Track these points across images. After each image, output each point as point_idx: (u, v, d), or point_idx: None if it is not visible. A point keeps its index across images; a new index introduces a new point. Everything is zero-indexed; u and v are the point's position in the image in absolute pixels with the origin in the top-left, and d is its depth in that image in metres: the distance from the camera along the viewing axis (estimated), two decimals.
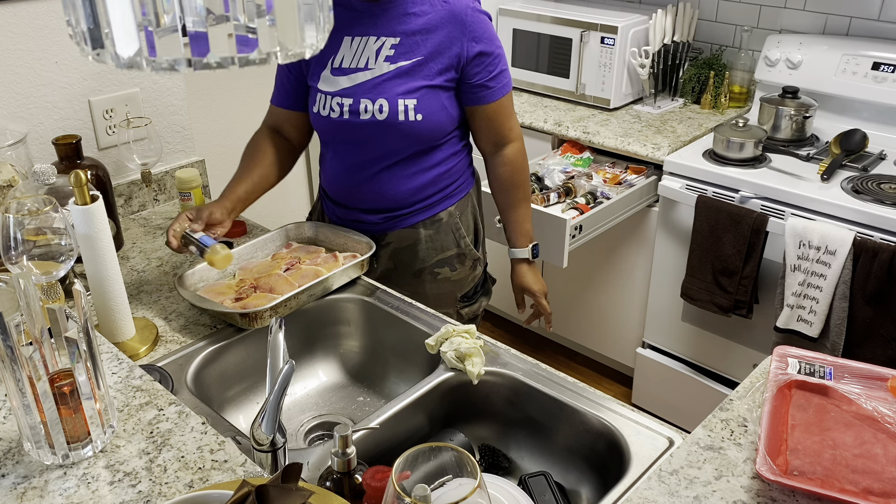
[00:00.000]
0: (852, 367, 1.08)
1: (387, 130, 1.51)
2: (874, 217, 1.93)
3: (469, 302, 1.75)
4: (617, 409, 1.19)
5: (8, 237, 1.07)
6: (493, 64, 1.54)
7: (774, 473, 0.91)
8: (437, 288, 1.67)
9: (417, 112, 1.50)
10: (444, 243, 1.66)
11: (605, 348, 2.77)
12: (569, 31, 2.62)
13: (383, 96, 1.49)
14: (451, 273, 1.68)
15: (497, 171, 1.67)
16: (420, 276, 1.66)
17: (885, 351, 1.95)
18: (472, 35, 1.50)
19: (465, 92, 1.55)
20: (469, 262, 1.70)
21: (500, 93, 1.57)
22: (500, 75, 1.56)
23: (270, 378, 0.97)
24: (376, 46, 1.50)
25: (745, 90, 2.66)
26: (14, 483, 0.92)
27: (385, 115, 1.49)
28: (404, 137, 1.53)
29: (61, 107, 1.66)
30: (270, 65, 0.66)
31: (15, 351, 0.86)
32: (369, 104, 1.50)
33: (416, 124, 1.51)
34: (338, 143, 1.60)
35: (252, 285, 1.44)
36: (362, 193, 1.61)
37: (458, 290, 1.71)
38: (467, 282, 1.72)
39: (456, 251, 1.67)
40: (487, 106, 1.57)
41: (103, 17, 0.62)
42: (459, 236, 1.67)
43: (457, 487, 0.69)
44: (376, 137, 1.53)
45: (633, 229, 2.46)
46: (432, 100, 1.51)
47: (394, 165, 1.57)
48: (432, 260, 1.66)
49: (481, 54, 1.52)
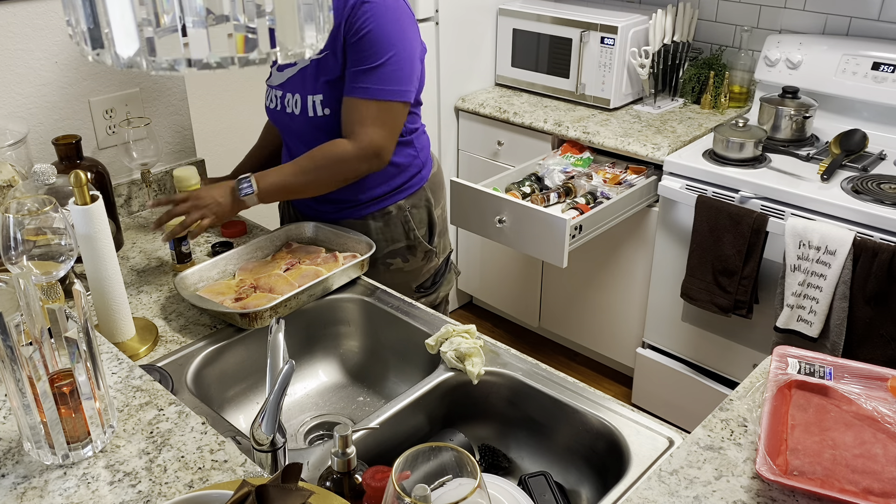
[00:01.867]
0: (852, 367, 1.08)
1: (305, 124, 1.56)
2: (874, 217, 1.93)
3: (426, 292, 1.78)
4: (617, 409, 1.19)
5: (8, 237, 1.07)
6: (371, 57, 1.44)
7: (774, 473, 0.91)
8: (391, 278, 1.70)
9: (325, 107, 1.52)
10: (393, 235, 1.69)
11: (605, 348, 2.77)
12: (569, 31, 2.62)
13: (298, 92, 1.55)
14: (404, 264, 1.71)
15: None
16: (374, 265, 1.68)
17: (885, 351, 1.95)
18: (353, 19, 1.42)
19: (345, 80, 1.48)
20: (421, 254, 1.73)
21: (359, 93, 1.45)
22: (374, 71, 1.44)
23: (270, 378, 0.97)
24: None
25: (745, 90, 2.66)
26: (14, 483, 0.92)
27: (299, 110, 1.55)
28: (321, 132, 1.55)
29: (61, 107, 1.66)
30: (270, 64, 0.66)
31: (15, 351, 0.86)
32: (290, 98, 1.56)
33: (325, 119, 1.53)
34: (283, 135, 1.67)
35: (252, 285, 1.44)
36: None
37: (413, 281, 1.75)
38: (422, 273, 1.75)
39: (406, 243, 1.70)
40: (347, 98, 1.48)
41: (103, 17, 0.62)
42: (409, 228, 1.69)
43: (457, 487, 0.69)
44: (301, 130, 1.59)
45: (633, 229, 2.46)
46: (336, 93, 1.51)
47: None
48: (384, 251, 1.69)
49: (361, 40, 1.43)
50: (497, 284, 3.01)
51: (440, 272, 1.81)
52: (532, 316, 2.95)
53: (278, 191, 1.51)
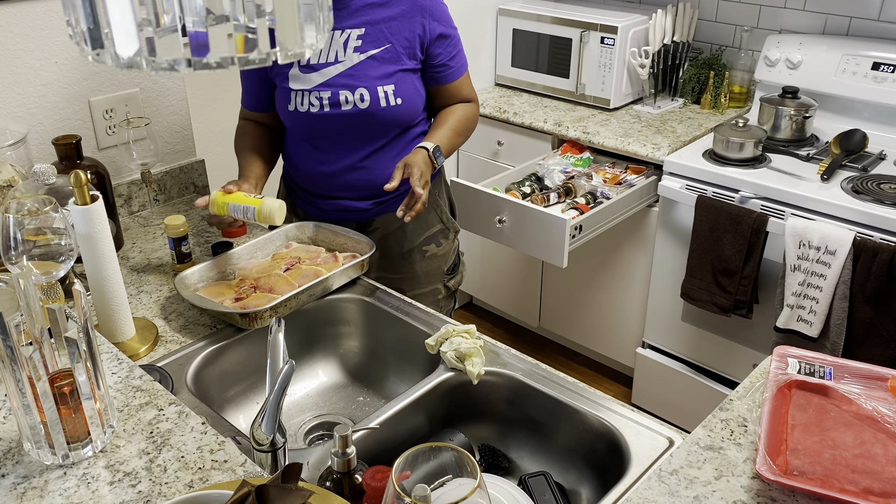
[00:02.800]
0: (852, 367, 1.08)
1: (369, 118, 1.57)
2: (874, 217, 1.93)
3: (453, 274, 1.83)
4: (617, 409, 1.19)
5: (8, 237, 1.07)
6: (452, 45, 1.63)
7: (774, 473, 0.91)
8: (426, 265, 1.75)
9: (397, 96, 1.57)
10: (428, 220, 1.74)
11: (605, 348, 2.77)
12: (569, 31, 2.62)
13: (362, 85, 1.55)
14: (438, 248, 1.76)
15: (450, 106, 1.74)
16: (409, 256, 1.73)
17: (885, 351, 1.95)
18: (432, 16, 1.58)
19: (429, 72, 1.64)
20: (451, 235, 1.80)
21: (461, 71, 1.68)
22: (458, 55, 1.66)
23: (270, 378, 0.97)
24: (342, 39, 1.55)
25: (745, 90, 2.66)
26: (14, 483, 0.92)
27: (367, 104, 1.56)
28: (386, 123, 1.60)
29: (61, 107, 1.66)
30: (269, 65, 0.66)
31: (15, 351, 0.86)
32: (349, 94, 1.55)
33: (397, 108, 1.58)
34: (318, 137, 1.64)
35: (252, 285, 1.44)
36: (350, 182, 1.65)
37: (444, 264, 1.80)
38: (451, 254, 1.82)
39: (440, 226, 1.76)
40: (451, 84, 1.67)
41: (103, 17, 0.62)
42: (440, 211, 1.76)
43: (457, 487, 0.69)
44: (360, 126, 1.59)
45: (633, 229, 2.46)
46: (407, 83, 1.59)
47: (378, 151, 1.63)
48: (420, 238, 1.73)
49: (442, 36, 1.60)
50: (497, 284, 3.01)
51: (458, 252, 1.86)
52: (532, 316, 2.95)
53: (448, 152, 1.66)
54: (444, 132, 1.65)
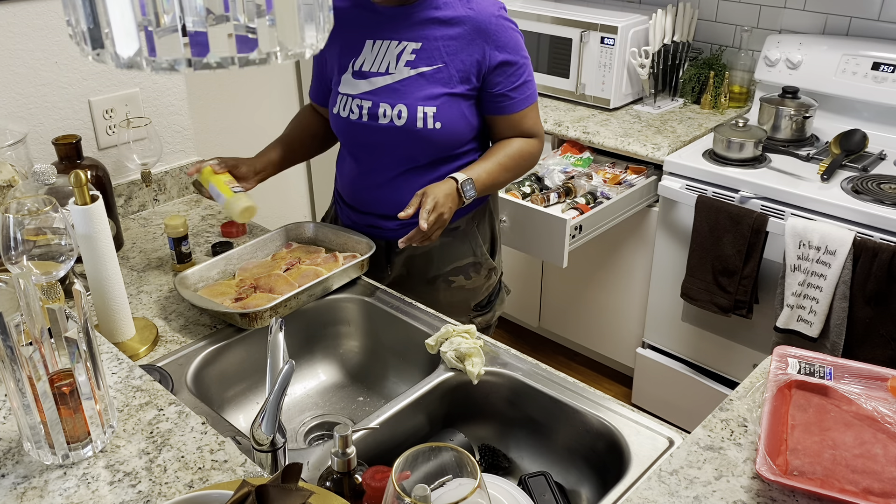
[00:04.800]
0: (852, 367, 1.08)
1: (404, 136, 1.49)
2: (874, 217, 1.93)
3: (483, 311, 1.72)
4: (617, 409, 1.19)
5: (8, 237, 1.07)
6: (516, 74, 1.51)
7: (774, 473, 0.91)
8: (450, 296, 1.65)
9: (437, 120, 1.47)
10: (459, 251, 1.63)
11: (605, 348, 2.77)
12: (569, 31, 2.62)
13: (403, 102, 1.47)
14: (466, 281, 1.65)
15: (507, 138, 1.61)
16: (434, 283, 1.64)
17: (885, 351, 1.95)
18: (495, 43, 1.47)
19: (486, 101, 1.52)
20: (484, 271, 1.67)
21: (524, 104, 1.54)
22: (523, 86, 1.52)
23: (270, 378, 0.97)
24: (397, 51, 1.48)
25: (745, 90, 2.66)
26: (14, 483, 0.92)
27: (403, 121, 1.47)
28: (422, 144, 1.50)
29: (61, 107, 1.66)
30: (270, 65, 0.66)
31: (15, 351, 0.86)
32: (388, 109, 1.48)
33: (434, 132, 1.48)
34: (356, 146, 1.58)
35: (252, 285, 1.44)
36: (378, 198, 1.59)
37: (472, 299, 1.69)
38: (482, 290, 1.69)
39: (472, 259, 1.64)
40: (510, 116, 1.54)
41: (103, 17, 0.62)
42: (476, 245, 1.64)
43: (457, 487, 0.69)
44: (394, 143, 1.51)
45: (633, 229, 2.46)
46: (452, 108, 1.48)
47: (410, 171, 1.54)
48: (447, 268, 1.63)
49: (504, 63, 1.48)
50: None
51: (495, 291, 1.74)
52: (532, 316, 2.95)
53: (486, 188, 1.54)
54: (487, 165, 1.52)
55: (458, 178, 1.47)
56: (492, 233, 1.70)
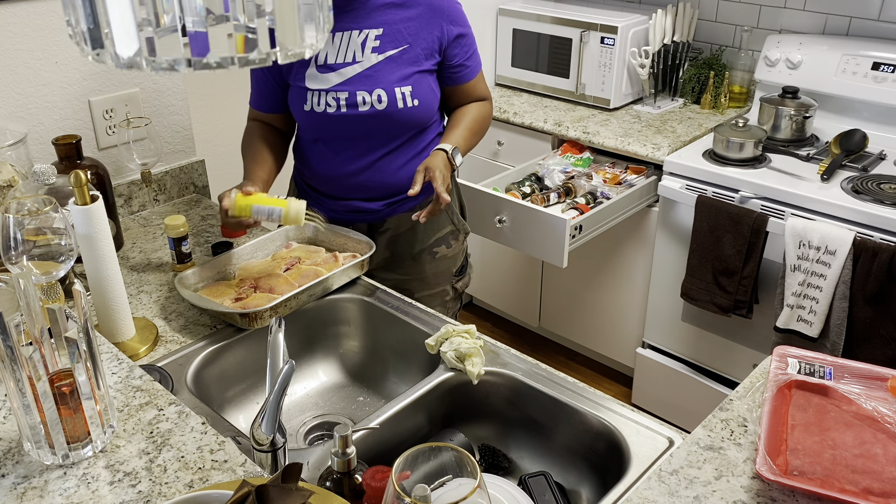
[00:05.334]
0: (852, 367, 1.08)
1: (386, 119, 1.56)
2: (874, 217, 1.93)
3: (461, 275, 1.83)
4: (617, 409, 1.19)
5: (8, 237, 1.06)
6: (468, 44, 1.64)
7: (774, 473, 0.91)
8: (435, 267, 1.74)
9: (414, 97, 1.57)
10: (439, 222, 1.73)
11: (605, 348, 2.77)
12: (569, 31, 2.62)
13: (379, 86, 1.54)
14: (448, 250, 1.75)
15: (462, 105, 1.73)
16: (419, 257, 1.72)
17: (885, 351, 1.95)
18: (449, 18, 1.59)
19: (446, 72, 1.64)
20: (462, 236, 1.79)
21: (476, 70, 1.68)
22: (474, 54, 1.67)
23: (270, 378, 0.97)
24: (360, 39, 1.54)
25: (745, 90, 2.66)
26: (14, 483, 0.92)
27: (385, 105, 1.55)
28: (402, 124, 1.59)
29: (61, 107, 1.66)
30: (269, 65, 0.66)
31: (15, 351, 0.86)
32: (367, 95, 1.54)
33: (414, 110, 1.57)
34: (332, 138, 1.63)
35: (252, 285, 1.44)
36: (363, 183, 1.65)
37: (453, 266, 1.79)
38: (460, 256, 1.81)
39: (451, 228, 1.75)
40: (466, 84, 1.68)
41: (103, 17, 0.62)
42: (451, 213, 1.75)
43: (457, 487, 0.69)
44: (376, 127, 1.58)
45: (633, 229, 2.46)
46: (423, 84, 1.58)
47: (392, 152, 1.62)
48: (430, 240, 1.72)
49: (459, 36, 1.61)
50: (497, 284, 3.01)
51: (466, 254, 1.86)
52: (532, 316, 2.95)
53: (465, 152, 1.66)
54: (460, 132, 1.65)
55: (447, 148, 1.59)
56: (459, 198, 1.83)
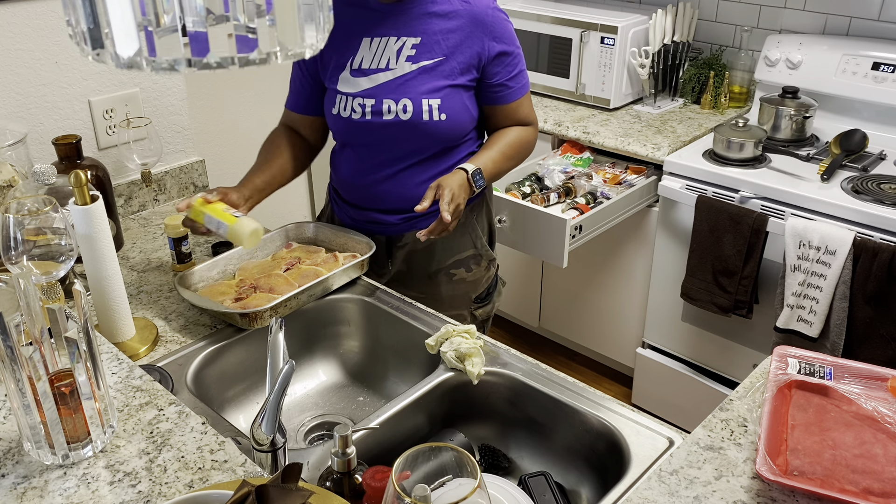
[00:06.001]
0: (852, 367, 1.08)
1: (410, 130, 1.51)
2: (874, 217, 1.93)
3: (483, 303, 1.74)
4: (617, 409, 1.19)
5: (8, 237, 1.07)
6: (512, 64, 1.55)
7: (774, 473, 0.91)
8: (452, 289, 1.67)
9: (441, 112, 1.50)
10: (460, 244, 1.65)
11: (605, 348, 2.77)
12: (569, 31, 2.62)
13: (407, 96, 1.49)
14: (467, 274, 1.67)
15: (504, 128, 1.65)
16: (435, 277, 1.66)
17: (885, 351, 1.95)
18: (492, 35, 1.51)
19: (485, 91, 1.56)
20: (485, 263, 1.70)
21: (520, 93, 1.60)
22: (519, 75, 1.58)
23: (270, 378, 0.97)
24: (397, 46, 1.50)
25: (745, 90, 2.66)
26: (14, 483, 0.92)
27: (409, 115, 1.50)
28: (427, 137, 1.53)
29: (61, 107, 1.66)
30: (270, 65, 0.66)
31: (15, 351, 0.86)
32: (392, 104, 1.50)
33: (440, 124, 1.51)
34: (358, 144, 1.59)
35: (252, 285, 1.44)
36: (381, 194, 1.60)
37: (473, 292, 1.71)
38: (482, 282, 1.72)
39: (472, 252, 1.67)
40: (507, 105, 1.59)
41: (103, 17, 0.62)
42: (476, 237, 1.67)
43: (457, 487, 0.69)
44: (399, 137, 1.53)
45: (633, 229, 2.46)
46: (455, 99, 1.52)
47: (414, 166, 1.56)
48: (448, 261, 1.65)
49: (502, 54, 1.53)
50: None
51: (493, 283, 1.77)
52: (532, 316, 2.95)
53: (492, 177, 1.59)
54: (491, 155, 1.56)
55: (468, 169, 1.51)
56: (489, 225, 1.74)
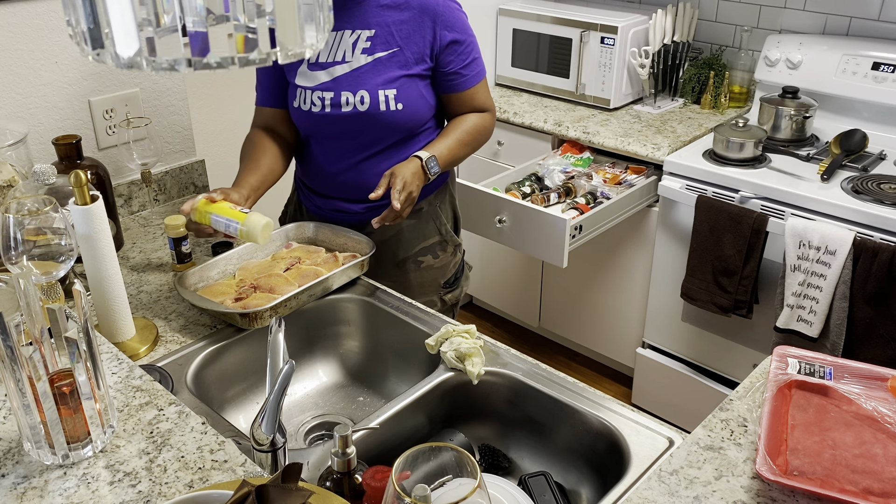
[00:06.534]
0: (852, 367, 1.08)
1: (369, 121, 1.56)
2: (874, 217, 1.93)
3: (451, 288, 1.80)
4: (617, 409, 1.19)
5: (8, 237, 1.06)
6: (465, 52, 1.59)
7: (774, 473, 0.91)
8: (420, 276, 1.73)
9: (398, 102, 1.55)
10: (426, 231, 1.71)
11: (605, 348, 2.77)
12: (569, 31, 2.62)
13: (364, 88, 1.54)
14: (434, 260, 1.73)
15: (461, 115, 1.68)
16: (404, 265, 1.71)
17: (885, 351, 1.95)
18: (444, 24, 1.54)
19: (440, 80, 1.60)
20: (450, 248, 1.76)
21: (475, 80, 1.63)
22: (473, 63, 1.61)
23: (270, 378, 0.97)
24: (352, 39, 1.54)
25: (745, 90, 2.66)
26: (14, 483, 0.92)
27: (367, 107, 1.54)
28: (386, 128, 1.57)
29: (61, 107, 1.66)
30: (269, 65, 0.66)
31: (15, 351, 0.86)
32: (350, 96, 1.54)
33: (397, 114, 1.55)
34: (319, 136, 1.64)
35: (252, 285, 1.44)
36: (344, 184, 1.65)
37: (441, 277, 1.76)
38: (450, 268, 1.78)
39: (438, 238, 1.73)
40: (463, 93, 1.63)
41: (103, 17, 0.62)
42: (440, 223, 1.73)
43: (457, 487, 0.69)
44: (358, 129, 1.57)
45: (633, 229, 2.46)
46: (411, 89, 1.56)
47: (376, 155, 1.61)
48: (415, 248, 1.70)
49: (454, 42, 1.56)
50: (497, 284, 3.01)
51: (460, 268, 1.84)
52: (532, 316, 2.95)
53: (448, 164, 1.62)
54: (447, 142, 1.60)
55: (422, 157, 1.55)
56: (454, 211, 1.79)
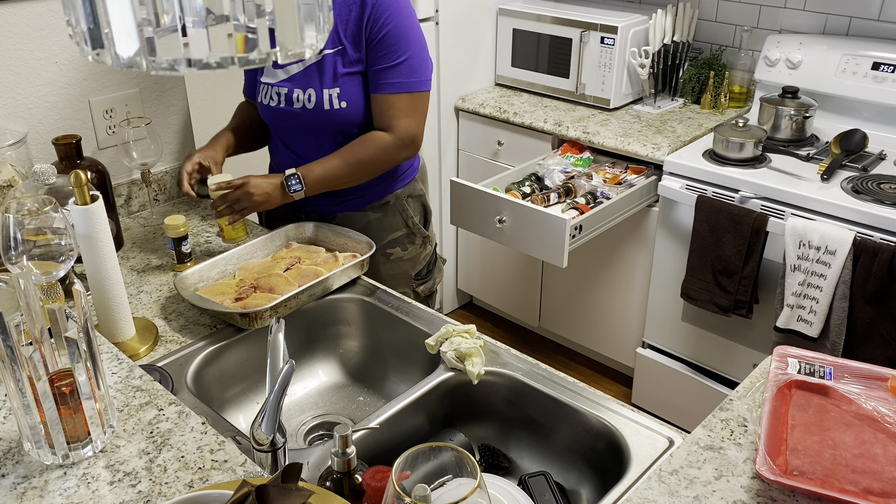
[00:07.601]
0: (852, 367, 1.08)
1: (317, 118, 1.58)
2: (874, 217, 1.93)
3: (424, 280, 1.83)
4: (617, 409, 1.19)
5: (8, 237, 1.07)
6: (394, 53, 1.51)
7: (774, 473, 0.91)
8: (391, 268, 1.75)
9: (341, 100, 1.55)
10: (392, 224, 1.74)
11: (605, 348, 2.77)
12: (569, 31, 2.62)
13: (311, 86, 1.56)
14: (403, 252, 1.76)
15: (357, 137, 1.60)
16: (373, 257, 1.70)
17: (885, 351, 1.95)
18: (376, 18, 1.50)
19: (370, 77, 1.56)
20: (419, 241, 1.78)
21: (391, 88, 1.53)
22: (397, 68, 1.52)
23: (270, 378, 0.97)
24: None
25: (745, 90, 2.66)
26: (14, 483, 0.92)
27: (313, 105, 1.56)
28: (334, 125, 1.59)
29: (61, 107, 1.66)
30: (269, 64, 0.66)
31: (15, 351, 0.86)
32: (300, 94, 1.57)
33: (341, 112, 1.56)
34: (281, 131, 1.68)
35: (252, 285, 1.44)
36: None
37: (412, 269, 1.79)
38: (420, 260, 1.80)
39: (405, 231, 1.76)
40: (375, 96, 1.55)
41: (103, 17, 0.62)
42: (407, 216, 1.75)
43: (457, 487, 0.69)
44: (311, 125, 1.60)
45: (633, 229, 2.46)
46: (353, 87, 1.56)
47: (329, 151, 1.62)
48: (383, 241, 1.73)
49: (384, 38, 1.51)
50: (497, 284, 3.01)
51: (432, 260, 1.86)
52: (532, 316, 2.95)
53: (324, 184, 1.57)
54: (331, 162, 1.55)
55: (287, 173, 1.55)
56: (423, 205, 1.81)
